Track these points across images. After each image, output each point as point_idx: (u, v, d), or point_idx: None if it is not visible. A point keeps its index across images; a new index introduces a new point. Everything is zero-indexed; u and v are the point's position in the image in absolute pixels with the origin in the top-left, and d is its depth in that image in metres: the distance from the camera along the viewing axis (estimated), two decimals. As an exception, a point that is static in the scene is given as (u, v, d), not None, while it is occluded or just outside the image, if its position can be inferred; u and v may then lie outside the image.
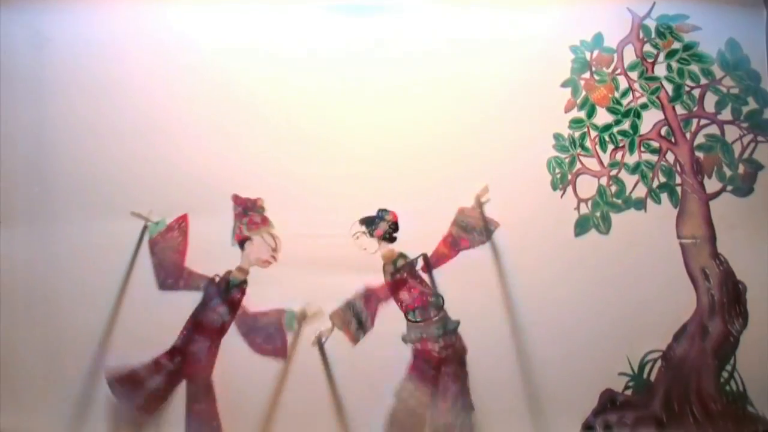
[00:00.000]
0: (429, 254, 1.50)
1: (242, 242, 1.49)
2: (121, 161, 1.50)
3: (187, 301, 1.48)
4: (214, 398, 1.45)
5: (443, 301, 1.49)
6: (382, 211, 1.50)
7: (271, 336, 1.47)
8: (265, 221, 1.50)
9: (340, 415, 1.45)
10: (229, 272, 1.49)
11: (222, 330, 1.47)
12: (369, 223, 1.50)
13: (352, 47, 1.54)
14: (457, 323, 1.48)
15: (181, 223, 1.49)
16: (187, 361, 1.46)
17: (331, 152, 1.52)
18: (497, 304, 1.49)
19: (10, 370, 1.45)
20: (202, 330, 1.47)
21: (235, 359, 1.46)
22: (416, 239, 1.51)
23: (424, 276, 1.50)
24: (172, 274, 1.48)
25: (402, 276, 1.49)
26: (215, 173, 1.51)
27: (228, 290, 1.48)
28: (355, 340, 1.47)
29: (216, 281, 1.48)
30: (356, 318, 1.47)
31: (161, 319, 1.47)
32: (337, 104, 1.53)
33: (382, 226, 1.50)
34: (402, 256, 1.50)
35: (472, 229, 1.50)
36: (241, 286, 1.48)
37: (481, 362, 1.48)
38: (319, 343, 1.46)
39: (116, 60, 1.52)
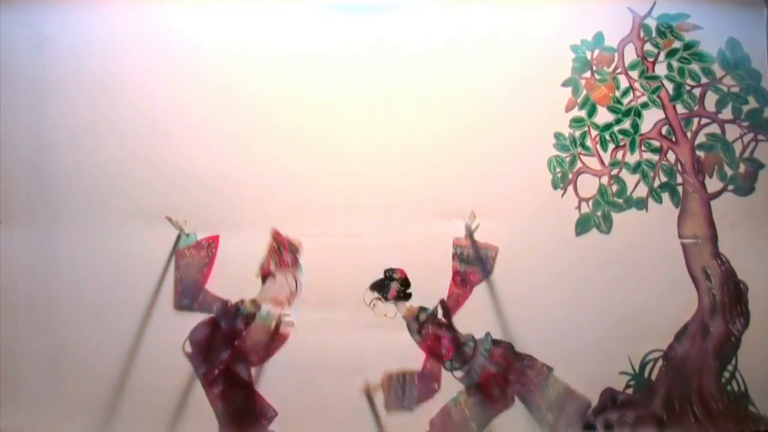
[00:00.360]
0: (445, 299, 1.49)
1: (265, 277, 1.48)
2: (122, 161, 1.50)
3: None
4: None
5: (474, 340, 1.48)
6: (390, 271, 1.49)
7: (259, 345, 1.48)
8: (295, 264, 1.48)
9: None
10: (242, 301, 1.48)
11: (221, 351, 1.47)
12: (380, 287, 1.48)
13: (353, 47, 1.54)
14: (491, 337, 1.48)
15: (211, 243, 1.48)
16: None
17: (332, 151, 1.52)
18: (498, 303, 1.49)
19: (10, 370, 1.45)
20: (213, 349, 1.46)
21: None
22: (417, 239, 1.51)
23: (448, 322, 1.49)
24: (189, 294, 1.47)
25: (428, 330, 1.48)
26: (215, 174, 1.51)
27: (235, 317, 1.47)
28: (389, 408, 1.45)
29: (228, 306, 1.47)
30: (402, 389, 1.45)
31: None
32: (336, 103, 1.53)
33: (393, 286, 1.48)
34: (423, 309, 1.49)
35: (474, 261, 1.50)
36: (248, 318, 1.47)
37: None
38: (368, 395, 1.45)
39: (117, 60, 1.52)
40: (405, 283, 1.48)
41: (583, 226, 1.52)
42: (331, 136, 1.53)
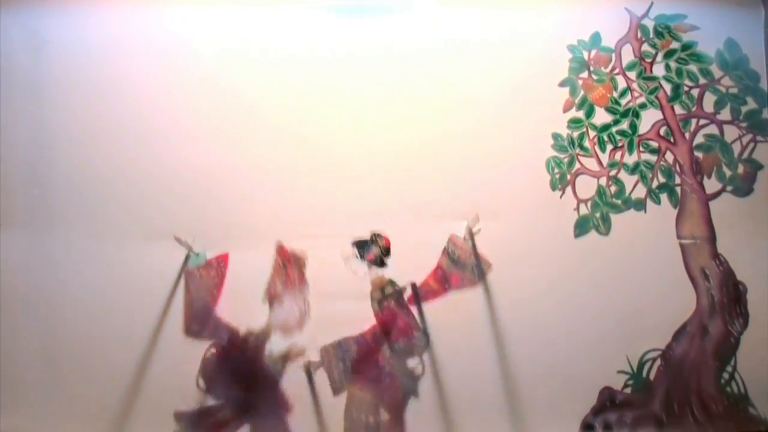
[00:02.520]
0: (418, 285, 1.48)
1: (272, 301, 1.45)
2: (119, 163, 1.50)
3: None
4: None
5: (428, 341, 1.47)
6: (376, 236, 1.49)
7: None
8: (302, 281, 1.45)
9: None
10: (249, 334, 1.45)
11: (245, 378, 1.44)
12: (361, 246, 1.49)
13: (350, 48, 1.55)
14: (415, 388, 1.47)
15: (221, 262, 1.45)
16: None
17: (330, 153, 1.52)
18: (497, 303, 1.49)
19: (10, 371, 1.45)
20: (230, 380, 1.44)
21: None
22: (411, 237, 1.51)
23: (412, 309, 1.48)
24: (199, 320, 1.44)
25: (389, 304, 1.48)
26: (213, 174, 1.51)
27: (245, 347, 1.43)
28: (336, 390, 1.45)
29: (240, 335, 1.44)
30: (343, 363, 1.45)
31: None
32: (335, 105, 1.53)
33: (373, 250, 1.48)
34: (391, 283, 1.48)
35: (462, 265, 1.49)
36: (257, 349, 1.44)
37: (481, 362, 1.47)
38: (308, 372, 1.44)
39: (114, 62, 1.53)
40: (386, 251, 1.48)
41: (582, 227, 1.52)
42: (329, 138, 1.53)
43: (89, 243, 1.48)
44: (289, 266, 1.46)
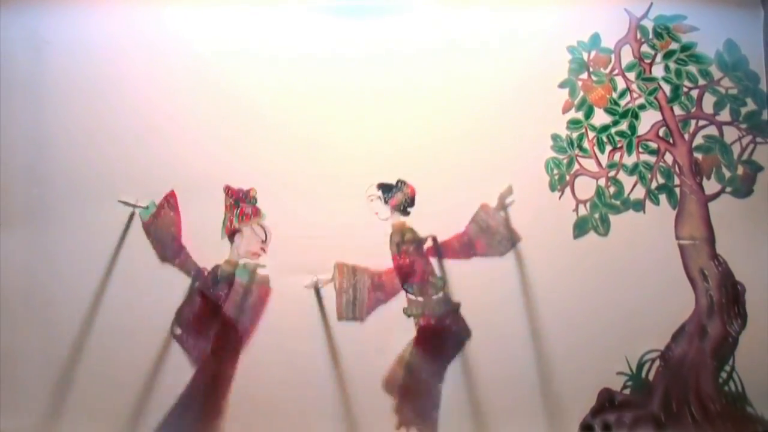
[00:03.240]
0: (440, 241, 1.50)
1: (232, 235, 1.49)
2: (119, 162, 1.51)
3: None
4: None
5: (444, 283, 1.49)
6: (401, 182, 1.50)
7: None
8: (256, 212, 1.49)
9: (341, 380, 1.46)
10: (217, 267, 1.49)
11: (211, 321, 1.47)
12: (386, 189, 1.50)
13: (349, 48, 1.54)
14: (458, 304, 1.48)
15: (170, 199, 1.50)
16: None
17: (329, 153, 1.52)
18: (496, 305, 1.49)
19: (9, 371, 1.45)
20: (194, 323, 1.47)
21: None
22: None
23: (430, 258, 1.50)
24: (170, 248, 1.49)
25: (407, 248, 1.49)
26: (213, 175, 1.51)
27: (215, 284, 1.48)
28: (341, 316, 1.47)
29: (204, 275, 1.48)
30: (353, 292, 1.47)
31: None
32: (334, 105, 1.53)
33: (398, 196, 1.49)
34: (411, 230, 1.50)
35: (492, 234, 1.50)
36: (229, 278, 1.48)
37: (480, 362, 1.48)
38: (315, 289, 1.46)
39: (114, 62, 1.53)
40: (410, 200, 1.49)
41: (581, 228, 1.52)
42: (327, 138, 1.53)
43: (89, 241, 1.49)
44: (242, 202, 1.49)
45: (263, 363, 1.47)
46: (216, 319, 1.47)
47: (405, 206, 1.50)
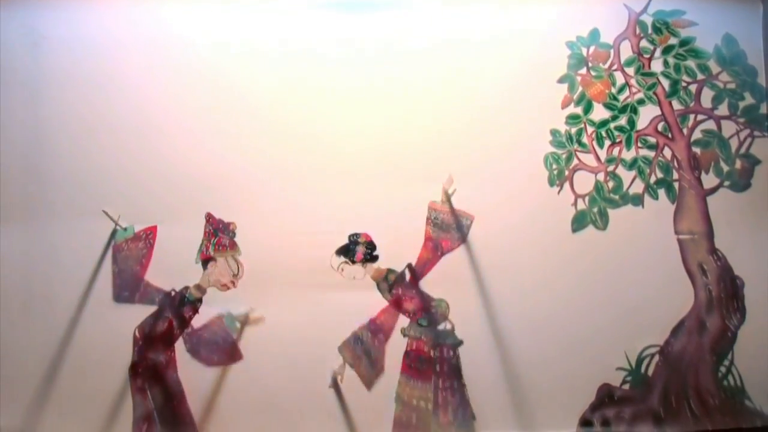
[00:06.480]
0: (414, 263, 1.50)
1: (206, 261, 1.49)
2: (117, 159, 1.50)
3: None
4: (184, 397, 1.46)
5: (447, 306, 1.49)
6: (354, 236, 1.49)
7: (219, 345, 1.47)
8: (233, 245, 1.49)
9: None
10: (186, 288, 1.49)
11: (171, 342, 1.47)
12: (346, 251, 1.49)
13: (348, 45, 1.54)
14: (460, 342, 1.48)
15: (149, 234, 1.49)
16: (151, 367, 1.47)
17: (328, 150, 1.52)
18: (495, 299, 1.49)
19: (9, 370, 1.45)
20: (153, 342, 1.46)
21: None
22: (413, 239, 1.51)
23: (419, 285, 1.50)
24: (128, 287, 1.48)
25: (398, 288, 1.49)
26: (212, 173, 1.51)
27: (181, 305, 1.48)
28: (369, 384, 1.46)
29: (171, 295, 1.48)
30: (366, 355, 1.47)
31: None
32: (332, 102, 1.53)
33: (359, 249, 1.49)
34: (391, 271, 1.50)
35: (448, 227, 1.50)
36: (195, 304, 1.48)
37: (479, 358, 1.48)
38: (336, 385, 1.45)
39: (112, 58, 1.52)
40: (370, 246, 1.49)
41: (579, 222, 1.52)
42: (326, 134, 1.52)
43: (87, 239, 1.48)
44: (220, 233, 1.49)
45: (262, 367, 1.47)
46: (170, 338, 1.47)
47: (370, 253, 1.49)
